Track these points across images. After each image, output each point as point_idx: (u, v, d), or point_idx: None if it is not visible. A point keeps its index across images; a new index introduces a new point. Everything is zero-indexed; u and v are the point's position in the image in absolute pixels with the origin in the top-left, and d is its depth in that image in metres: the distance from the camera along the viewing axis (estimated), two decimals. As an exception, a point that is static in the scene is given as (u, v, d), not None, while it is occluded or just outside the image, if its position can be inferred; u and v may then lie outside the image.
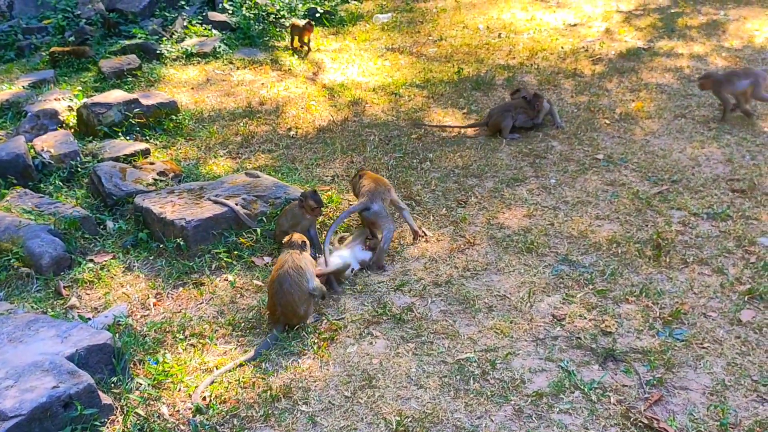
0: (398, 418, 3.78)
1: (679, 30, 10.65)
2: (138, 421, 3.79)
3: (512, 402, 3.89)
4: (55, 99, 8.12)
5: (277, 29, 11.46)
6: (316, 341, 4.47)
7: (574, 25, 11.31)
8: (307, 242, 4.91)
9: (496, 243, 5.52)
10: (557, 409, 3.82)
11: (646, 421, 3.69)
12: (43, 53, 10.59)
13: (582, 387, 3.95)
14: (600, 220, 5.79)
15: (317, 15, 12.02)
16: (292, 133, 7.81)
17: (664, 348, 4.24)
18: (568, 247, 5.41)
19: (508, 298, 4.82)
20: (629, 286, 4.89)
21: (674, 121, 7.66)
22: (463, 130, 7.68)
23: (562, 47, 10.25)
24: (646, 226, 5.65)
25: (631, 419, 3.72)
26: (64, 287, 5.11)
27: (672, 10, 11.71)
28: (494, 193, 6.30)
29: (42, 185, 6.42)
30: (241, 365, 4.26)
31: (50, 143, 6.87)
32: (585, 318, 4.57)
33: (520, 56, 10.02)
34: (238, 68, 9.95)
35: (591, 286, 4.91)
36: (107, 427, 3.72)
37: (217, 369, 4.21)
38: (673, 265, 5.11)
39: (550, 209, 5.99)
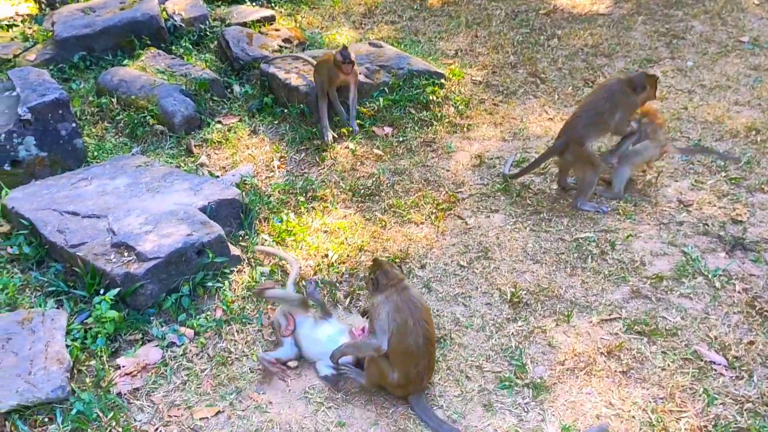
0: (512, 290, 3.82)
1: None
2: (263, 273, 4.00)
3: (630, 282, 3.84)
4: (184, -37, 8.18)
5: None
6: (434, 211, 4.52)
7: None
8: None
9: (624, 125, 5.30)
10: (677, 293, 3.74)
11: (772, 312, 3.58)
12: None
13: (705, 273, 3.84)
14: (739, 105, 5.43)
15: None
16: (416, 5, 7.62)
17: (799, 240, 4.04)
18: (701, 132, 5.14)
19: (632, 181, 4.66)
20: (766, 175, 4.63)
21: (835, 2, 6.97)
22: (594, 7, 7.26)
23: None
24: (791, 114, 5.27)
25: (757, 308, 3.60)
26: (195, 145, 5.34)
27: None
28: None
29: (173, 47, 6.59)
30: None
31: (181, 6, 7.00)
32: (714, 205, 4.39)
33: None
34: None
35: (724, 174, 4.67)
36: (235, 275, 3.96)
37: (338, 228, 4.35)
38: (818, 156, 4.79)
39: (684, 92, 5.67)
